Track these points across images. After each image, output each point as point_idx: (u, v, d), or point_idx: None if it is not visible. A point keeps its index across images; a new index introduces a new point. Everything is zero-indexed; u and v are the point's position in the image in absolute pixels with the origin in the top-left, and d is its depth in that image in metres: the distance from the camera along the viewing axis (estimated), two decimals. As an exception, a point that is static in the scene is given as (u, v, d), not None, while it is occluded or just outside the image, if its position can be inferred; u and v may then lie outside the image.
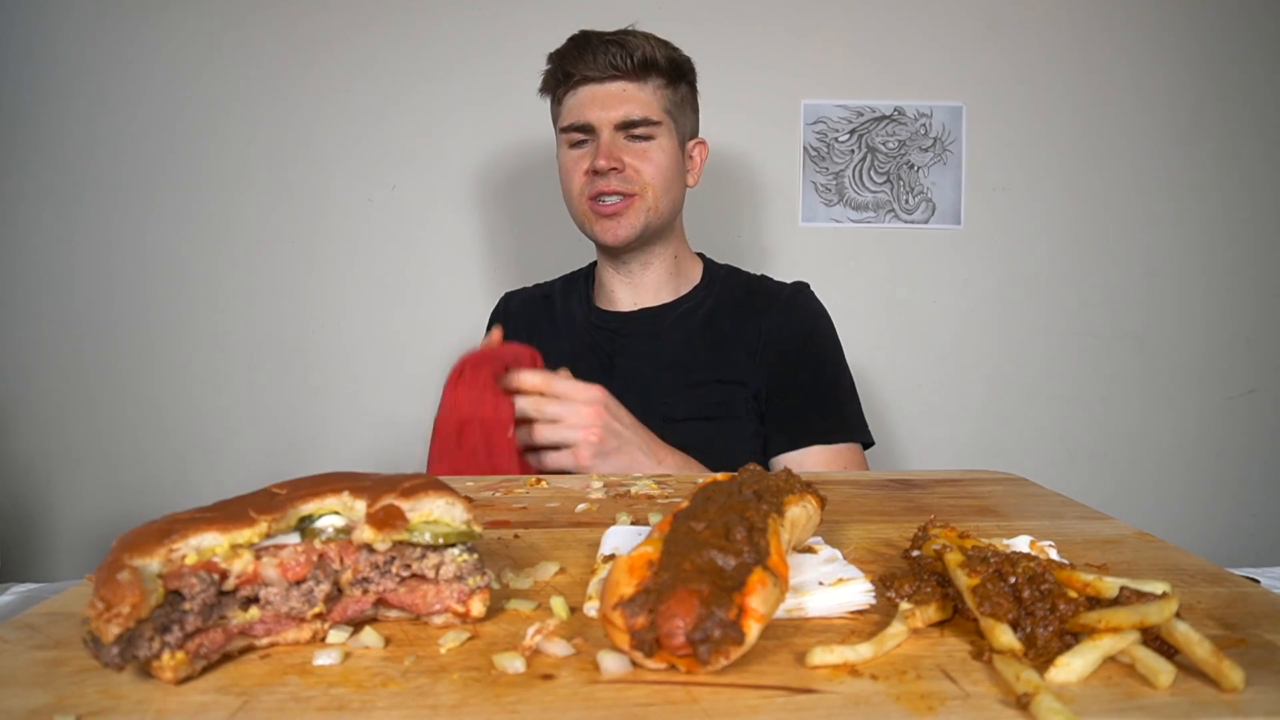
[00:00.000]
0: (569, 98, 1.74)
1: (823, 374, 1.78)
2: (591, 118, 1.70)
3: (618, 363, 1.80)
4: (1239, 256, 2.57)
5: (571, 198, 1.78)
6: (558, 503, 1.06)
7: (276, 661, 0.60)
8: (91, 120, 2.46)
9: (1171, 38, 2.53)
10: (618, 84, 1.70)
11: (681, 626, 0.53)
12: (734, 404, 1.72)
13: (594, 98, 1.71)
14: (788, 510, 0.68)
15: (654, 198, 1.73)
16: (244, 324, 2.52)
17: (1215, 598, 0.69)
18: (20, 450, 2.51)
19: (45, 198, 2.47)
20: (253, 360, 2.52)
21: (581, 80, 1.71)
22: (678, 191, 1.81)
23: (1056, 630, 0.58)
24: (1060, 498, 1.06)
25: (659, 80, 1.74)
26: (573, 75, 1.71)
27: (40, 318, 2.49)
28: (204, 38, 2.46)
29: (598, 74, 1.70)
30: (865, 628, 0.64)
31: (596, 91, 1.71)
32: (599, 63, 1.68)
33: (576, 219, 1.81)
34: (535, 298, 2.01)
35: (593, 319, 1.89)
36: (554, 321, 1.93)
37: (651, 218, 1.74)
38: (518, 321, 1.94)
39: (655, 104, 1.73)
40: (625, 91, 1.70)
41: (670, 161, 1.75)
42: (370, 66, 2.49)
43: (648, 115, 1.71)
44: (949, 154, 2.52)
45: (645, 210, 1.73)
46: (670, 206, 1.78)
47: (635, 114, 1.70)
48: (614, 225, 1.72)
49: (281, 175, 2.50)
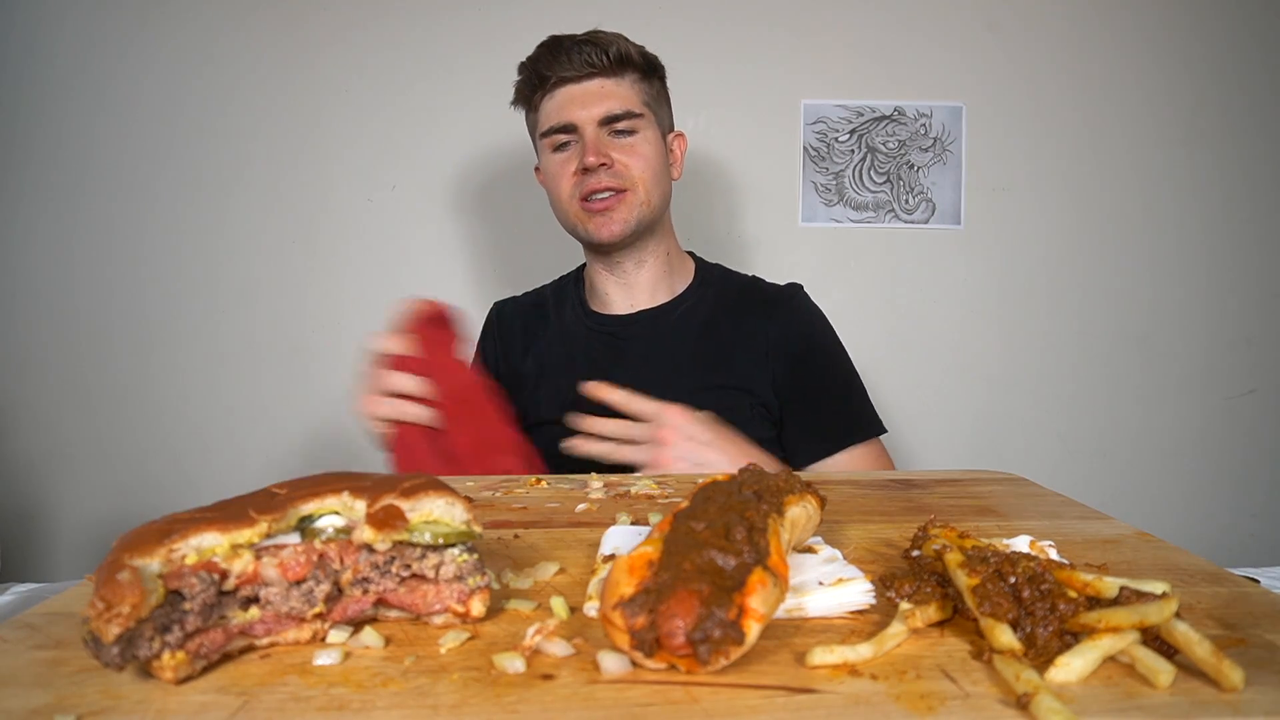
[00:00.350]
0: (546, 102, 1.73)
1: (836, 378, 1.78)
2: (574, 116, 1.69)
3: (617, 369, 1.74)
4: (1239, 256, 2.57)
5: (561, 202, 1.76)
6: (558, 503, 1.06)
7: (276, 661, 0.60)
8: (91, 120, 2.47)
9: (1172, 37, 2.53)
10: (595, 81, 1.69)
11: (681, 626, 0.53)
12: (740, 409, 1.67)
13: (573, 97, 1.69)
14: (788, 510, 0.68)
15: (645, 191, 1.72)
16: (244, 324, 2.52)
17: (1215, 598, 0.69)
18: (20, 450, 2.51)
19: (45, 198, 2.47)
20: (253, 360, 2.52)
21: (559, 82, 1.70)
22: (666, 184, 1.79)
23: (1056, 630, 0.58)
24: (1060, 498, 1.06)
25: (635, 74, 1.73)
26: (549, 78, 1.70)
27: (40, 317, 2.49)
28: (203, 38, 2.46)
29: (574, 73, 1.68)
30: (865, 628, 0.64)
31: (575, 91, 1.69)
32: (575, 62, 1.67)
33: (567, 223, 1.79)
34: (527, 305, 1.99)
35: (589, 323, 1.86)
36: (549, 329, 1.91)
37: (644, 212, 1.73)
38: (511, 331, 1.94)
39: (635, 97, 1.72)
40: (604, 88, 1.69)
41: (656, 154, 1.74)
42: (370, 66, 2.49)
43: (630, 108, 1.70)
44: (949, 154, 2.52)
45: (638, 204, 1.72)
46: (660, 200, 1.77)
47: (617, 108, 1.69)
48: (607, 221, 1.70)
49: (281, 175, 2.50)
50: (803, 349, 1.77)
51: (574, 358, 1.82)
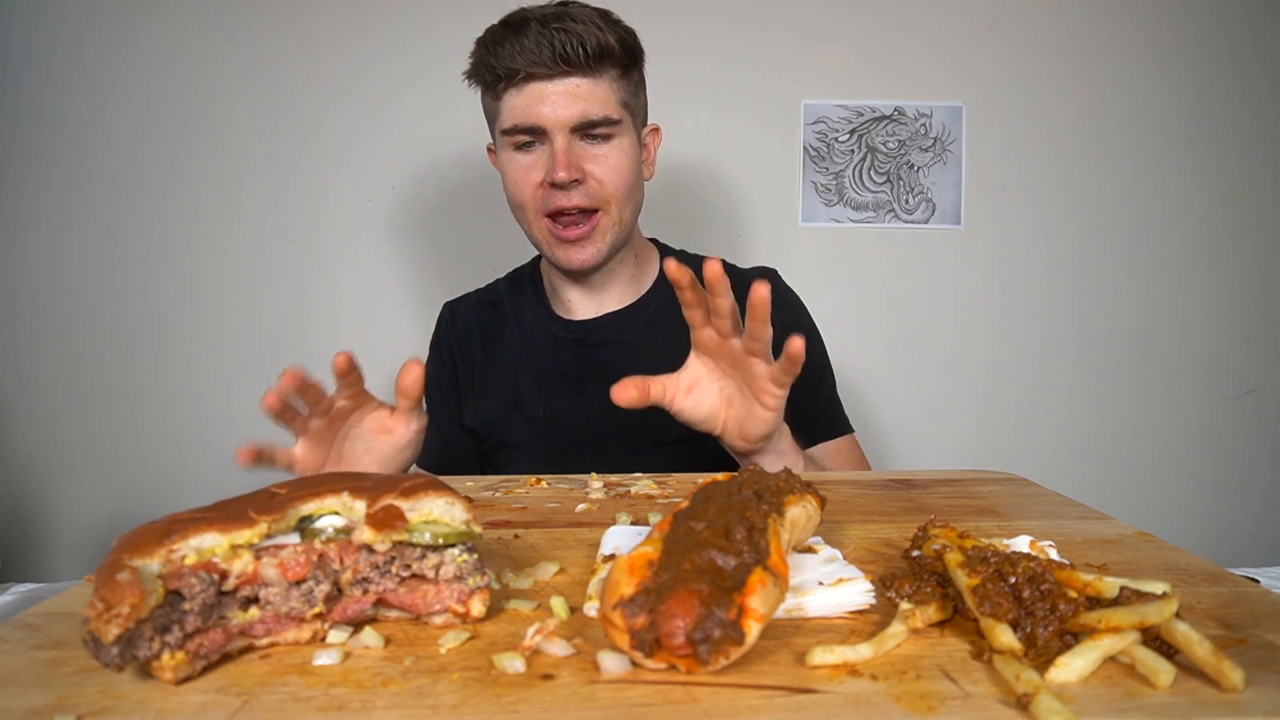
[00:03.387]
0: (511, 94, 1.52)
1: (816, 371, 1.66)
2: (542, 119, 1.49)
3: (589, 380, 1.66)
4: (1239, 256, 2.57)
5: (524, 211, 1.59)
6: (557, 503, 1.06)
7: (276, 661, 0.60)
8: (92, 121, 2.46)
9: (1172, 36, 2.53)
10: (570, 80, 1.49)
11: (681, 626, 0.53)
12: None
13: (542, 96, 1.49)
14: (788, 510, 0.68)
15: (618, 210, 1.57)
16: (244, 324, 2.52)
17: (1215, 598, 0.69)
18: (20, 450, 2.51)
19: (46, 198, 2.47)
20: (253, 360, 2.52)
21: (527, 77, 1.49)
22: (639, 193, 1.64)
23: (1056, 630, 0.58)
24: (1060, 498, 1.06)
25: (614, 71, 1.54)
26: (516, 72, 1.49)
27: (40, 317, 2.49)
28: (202, 40, 2.46)
29: (545, 70, 1.47)
30: (865, 628, 0.64)
31: (545, 89, 1.49)
32: (544, 55, 1.46)
33: (530, 235, 1.63)
34: (481, 305, 1.83)
35: (555, 330, 1.73)
36: (508, 332, 1.77)
37: (617, 233, 1.59)
38: (468, 334, 1.80)
39: (612, 98, 1.53)
40: (579, 88, 1.49)
41: (632, 163, 1.58)
42: (371, 66, 2.49)
43: (607, 114, 1.52)
44: (949, 154, 2.52)
45: (610, 228, 1.57)
46: (633, 213, 1.63)
47: (594, 113, 1.50)
48: (579, 251, 1.57)
49: (282, 175, 2.50)
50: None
51: (539, 367, 1.71)
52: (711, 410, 1.29)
